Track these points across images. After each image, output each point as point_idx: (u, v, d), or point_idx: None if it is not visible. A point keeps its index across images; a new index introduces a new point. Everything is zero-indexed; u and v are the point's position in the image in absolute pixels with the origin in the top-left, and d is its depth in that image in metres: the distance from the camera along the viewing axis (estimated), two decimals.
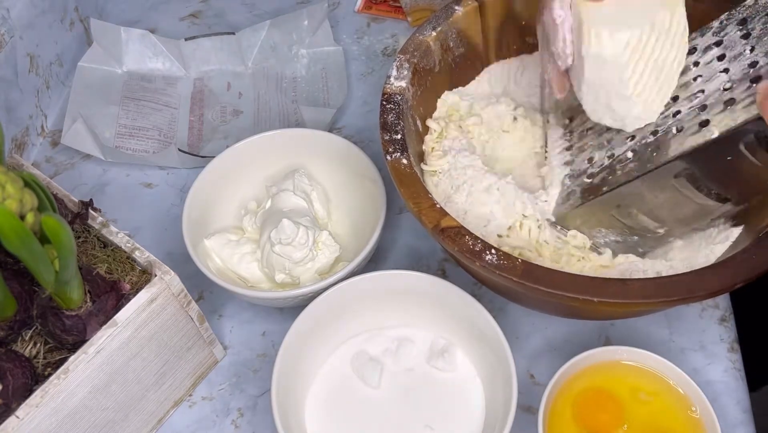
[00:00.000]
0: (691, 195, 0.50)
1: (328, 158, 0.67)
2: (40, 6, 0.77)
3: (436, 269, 0.66)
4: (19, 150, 0.75)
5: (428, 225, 0.50)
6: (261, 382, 0.61)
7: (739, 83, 0.47)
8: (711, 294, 0.45)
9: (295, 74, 0.82)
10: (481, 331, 0.54)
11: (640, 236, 0.55)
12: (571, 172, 0.57)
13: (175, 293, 0.52)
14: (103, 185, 0.75)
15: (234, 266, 0.62)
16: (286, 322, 0.57)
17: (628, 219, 0.54)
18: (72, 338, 0.48)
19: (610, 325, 0.61)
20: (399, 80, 0.58)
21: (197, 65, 0.83)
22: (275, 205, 0.64)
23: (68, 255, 0.43)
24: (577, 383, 0.52)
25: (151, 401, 0.56)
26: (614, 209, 0.54)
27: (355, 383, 0.57)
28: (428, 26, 0.61)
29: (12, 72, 0.73)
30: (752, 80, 0.46)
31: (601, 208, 0.54)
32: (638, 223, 0.54)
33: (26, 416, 0.45)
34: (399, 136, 0.54)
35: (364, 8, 0.89)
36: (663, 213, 0.53)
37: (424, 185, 0.52)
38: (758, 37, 0.47)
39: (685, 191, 0.50)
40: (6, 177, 0.39)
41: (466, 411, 0.55)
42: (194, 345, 0.57)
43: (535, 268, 0.47)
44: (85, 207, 0.54)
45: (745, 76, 0.47)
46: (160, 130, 0.77)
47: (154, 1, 0.92)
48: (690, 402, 0.51)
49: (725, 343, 0.60)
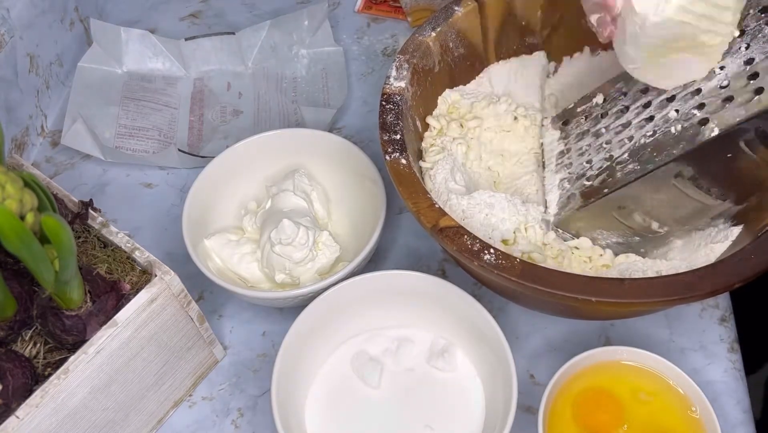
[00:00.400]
0: (692, 194, 0.51)
1: (328, 158, 0.67)
2: (40, 6, 0.77)
3: (436, 269, 0.66)
4: (19, 150, 0.75)
5: (427, 225, 0.50)
6: (261, 382, 0.61)
7: (736, 80, 0.47)
8: (711, 294, 0.45)
9: (295, 74, 0.82)
10: (481, 331, 0.54)
11: (642, 237, 0.55)
12: (568, 175, 0.57)
13: (175, 293, 0.52)
14: (103, 185, 0.75)
15: (234, 266, 0.62)
16: (286, 322, 0.57)
17: (629, 220, 0.54)
18: (72, 338, 0.48)
19: (610, 325, 0.61)
20: (398, 81, 0.58)
21: (197, 65, 0.83)
22: (275, 205, 0.64)
23: (68, 255, 0.43)
24: (577, 383, 0.52)
25: (151, 401, 0.56)
26: (615, 211, 0.54)
27: (355, 383, 0.57)
28: (428, 27, 0.61)
29: (12, 72, 0.73)
30: (749, 77, 0.46)
31: (602, 210, 0.54)
32: (639, 223, 0.54)
33: (26, 416, 0.45)
34: (398, 137, 0.55)
35: (364, 8, 0.89)
36: (664, 213, 0.53)
37: (423, 185, 0.52)
38: (753, 34, 0.47)
39: (686, 190, 0.50)
40: (6, 177, 0.39)
41: (466, 411, 0.55)
42: (194, 345, 0.57)
43: (534, 267, 0.47)
44: (85, 207, 0.54)
45: (741, 73, 0.47)
46: (160, 130, 0.78)
47: (154, 1, 0.92)
48: (690, 402, 0.51)
49: (725, 343, 0.60)
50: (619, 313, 0.56)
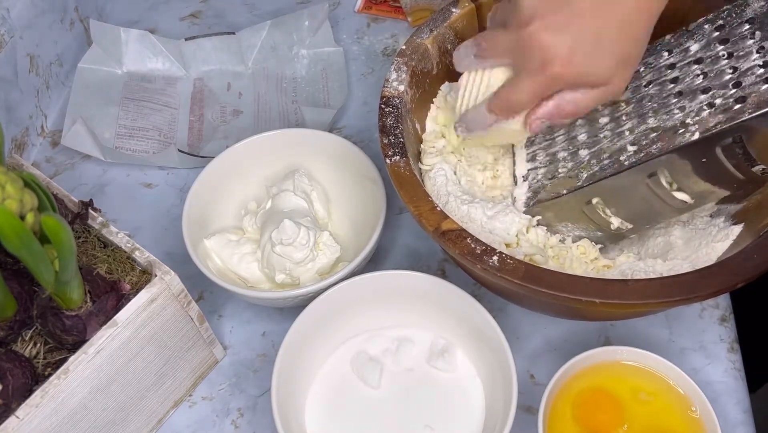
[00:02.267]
0: (661, 195, 0.51)
1: (328, 158, 0.67)
2: (40, 6, 0.77)
3: (436, 269, 0.66)
4: (19, 150, 0.75)
5: (429, 228, 0.50)
6: (261, 382, 0.61)
7: (719, 88, 0.47)
8: (711, 294, 0.45)
9: (295, 75, 0.82)
10: (481, 331, 0.54)
11: (604, 232, 0.55)
12: (537, 165, 0.57)
13: (175, 293, 0.52)
14: (103, 185, 0.75)
15: (234, 267, 0.62)
16: (286, 322, 0.57)
17: (596, 215, 0.54)
18: (72, 338, 0.48)
19: (610, 325, 0.61)
20: (397, 83, 0.58)
21: (197, 65, 0.83)
22: (275, 205, 0.64)
23: (68, 255, 0.43)
24: (577, 383, 0.52)
25: (151, 401, 0.56)
26: (585, 206, 0.54)
27: (355, 383, 0.57)
28: (425, 29, 0.61)
29: (12, 72, 0.73)
30: (733, 85, 0.46)
31: (573, 203, 0.54)
32: (605, 220, 0.54)
33: (26, 416, 0.45)
34: (398, 139, 0.55)
35: (364, 8, 0.89)
36: (632, 211, 0.53)
37: (423, 188, 0.52)
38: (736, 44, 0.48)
39: (656, 191, 0.51)
40: (6, 177, 0.39)
41: (466, 411, 0.55)
42: (194, 345, 0.57)
43: (537, 270, 0.47)
44: (85, 207, 0.54)
45: (725, 81, 0.47)
46: (160, 130, 0.77)
47: (154, 1, 0.92)
48: (690, 402, 0.51)
49: (725, 343, 0.60)
50: (620, 314, 0.56)
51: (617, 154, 0.51)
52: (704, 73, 0.49)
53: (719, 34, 0.49)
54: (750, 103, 0.45)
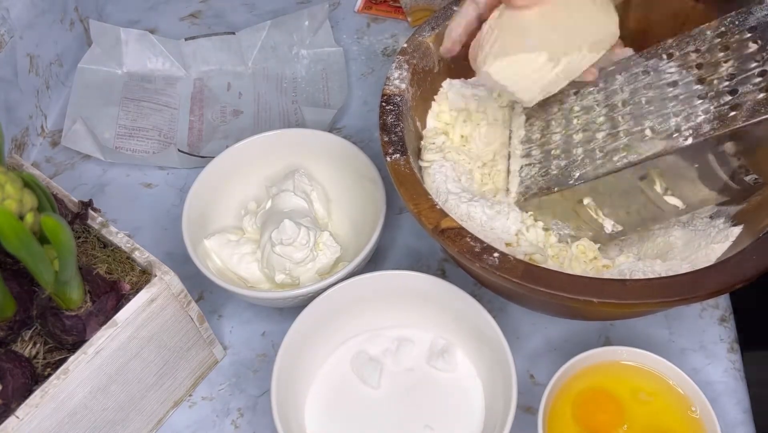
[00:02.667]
0: (653, 198, 0.51)
1: (328, 158, 0.67)
2: (40, 6, 0.77)
3: (436, 269, 0.66)
4: (19, 150, 0.75)
5: (428, 226, 0.50)
6: (261, 382, 0.61)
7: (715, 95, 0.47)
8: (711, 294, 0.44)
9: (295, 75, 0.82)
10: (481, 331, 0.54)
11: (594, 232, 0.55)
12: (530, 161, 0.57)
13: (175, 293, 0.52)
14: (103, 185, 0.75)
15: (234, 267, 0.62)
16: (286, 322, 0.57)
17: (587, 215, 0.54)
18: (72, 338, 0.48)
19: (610, 325, 0.61)
20: (398, 81, 0.58)
21: (197, 65, 0.83)
22: (275, 205, 0.64)
23: (68, 255, 0.43)
24: (577, 383, 0.52)
25: (151, 401, 0.56)
26: (576, 205, 0.54)
27: (355, 383, 0.57)
28: (427, 27, 0.61)
29: (12, 72, 0.73)
30: (730, 93, 0.46)
31: (564, 201, 0.54)
32: (595, 220, 0.54)
33: (26, 416, 0.45)
34: (398, 138, 0.55)
35: (364, 8, 0.89)
36: (622, 212, 0.54)
37: (423, 186, 0.52)
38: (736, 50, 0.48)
39: (648, 193, 0.51)
40: (6, 177, 0.39)
41: (466, 411, 0.55)
42: (194, 345, 0.57)
43: (536, 269, 0.47)
44: (85, 207, 0.54)
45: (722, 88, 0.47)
46: (160, 130, 0.78)
47: (154, 1, 0.92)
48: (690, 402, 0.51)
49: (725, 343, 0.60)
50: (619, 313, 0.56)
51: (610, 155, 0.51)
52: (702, 79, 0.49)
53: (720, 41, 0.49)
54: (744, 110, 0.45)
